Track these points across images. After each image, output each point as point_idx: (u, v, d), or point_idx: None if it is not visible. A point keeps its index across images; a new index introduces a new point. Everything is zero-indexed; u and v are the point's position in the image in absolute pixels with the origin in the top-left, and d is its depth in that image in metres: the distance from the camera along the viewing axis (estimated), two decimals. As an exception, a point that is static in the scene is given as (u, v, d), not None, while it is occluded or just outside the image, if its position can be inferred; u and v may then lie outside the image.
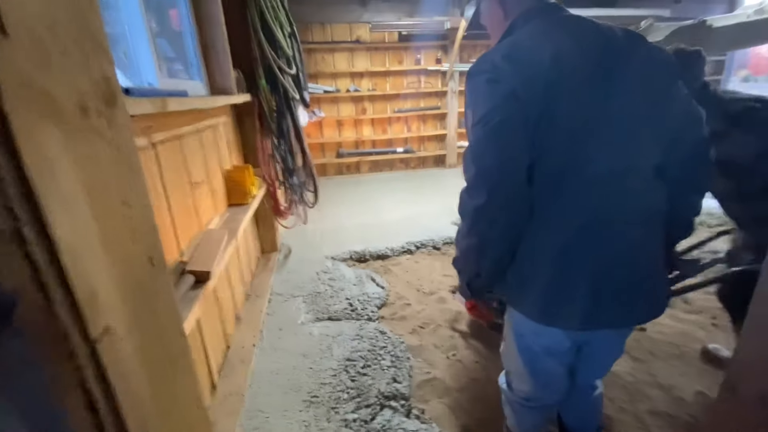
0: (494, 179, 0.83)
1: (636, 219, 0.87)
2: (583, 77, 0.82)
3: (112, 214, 0.35)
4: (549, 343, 0.96)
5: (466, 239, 0.92)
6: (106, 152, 0.35)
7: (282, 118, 2.77)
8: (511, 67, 0.81)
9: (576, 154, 0.83)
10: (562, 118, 0.81)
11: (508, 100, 0.80)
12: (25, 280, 0.26)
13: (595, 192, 0.84)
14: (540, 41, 0.84)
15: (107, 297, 0.33)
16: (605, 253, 0.85)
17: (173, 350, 0.45)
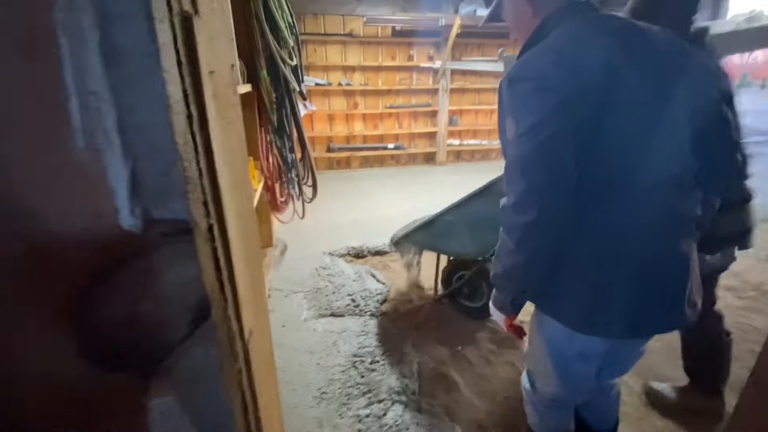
0: (545, 195, 0.79)
1: (677, 228, 0.87)
2: (633, 86, 0.80)
3: (243, 208, 0.34)
4: (583, 348, 0.94)
5: (513, 257, 0.86)
6: (237, 144, 0.34)
7: (282, 110, 2.72)
8: (561, 76, 0.77)
9: (624, 164, 0.81)
10: (612, 129, 0.79)
11: (559, 111, 0.76)
12: (214, 281, 0.25)
13: (641, 202, 0.83)
14: (587, 46, 0.80)
15: (248, 297, 0.32)
16: (648, 262, 0.85)
17: (270, 346, 0.43)
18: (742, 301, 2.43)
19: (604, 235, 0.84)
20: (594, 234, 0.84)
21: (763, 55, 15.30)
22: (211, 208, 0.24)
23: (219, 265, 0.26)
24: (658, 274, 0.86)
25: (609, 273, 0.85)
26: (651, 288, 0.85)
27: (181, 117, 0.22)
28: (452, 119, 6.19)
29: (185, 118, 0.22)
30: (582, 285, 0.86)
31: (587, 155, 0.79)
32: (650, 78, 0.81)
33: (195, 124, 0.23)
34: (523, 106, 0.80)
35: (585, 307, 0.86)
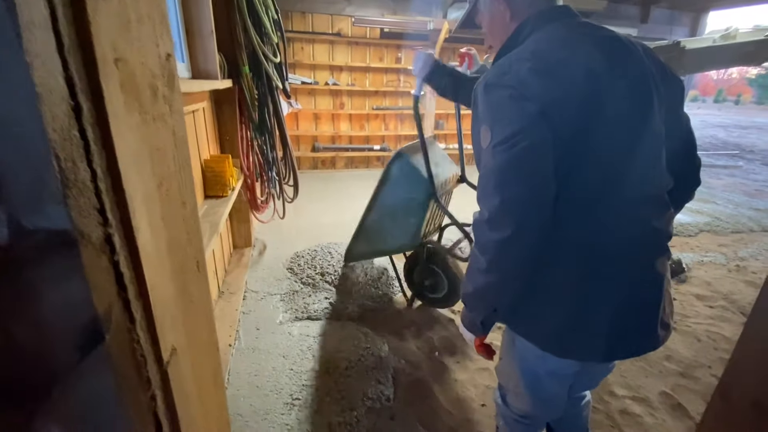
0: (522, 211, 0.73)
1: (654, 246, 0.84)
2: (615, 98, 0.75)
3: (174, 215, 0.30)
4: (555, 369, 0.92)
5: (485, 276, 0.80)
6: (170, 144, 0.30)
7: (264, 107, 2.66)
8: (540, 83, 0.73)
9: (604, 180, 0.77)
10: (593, 142, 0.75)
11: (537, 121, 0.71)
12: (113, 298, 0.22)
13: (620, 220, 0.79)
14: (569, 53, 0.76)
15: (173, 311, 0.28)
16: (626, 284, 0.81)
17: (214, 364, 0.40)
18: (713, 310, 2.49)
19: (581, 255, 0.80)
20: (570, 253, 0.80)
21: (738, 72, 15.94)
22: (110, 215, 0.21)
23: (123, 280, 0.22)
24: (635, 296, 0.82)
25: (585, 295, 0.81)
26: (628, 311, 0.82)
27: (59, 109, 0.19)
28: (438, 123, 6.21)
29: (68, 111, 0.19)
30: (557, 307, 0.82)
31: (566, 169, 0.75)
32: (632, 90, 0.78)
33: (86, 118, 0.20)
34: (499, 115, 0.75)
35: (560, 330, 0.83)
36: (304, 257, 2.82)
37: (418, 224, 1.90)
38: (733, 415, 0.83)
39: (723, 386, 0.86)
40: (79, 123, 0.20)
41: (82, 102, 0.20)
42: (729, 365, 0.85)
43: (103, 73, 0.21)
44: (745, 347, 0.81)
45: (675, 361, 2.02)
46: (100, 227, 0.21)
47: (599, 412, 1.69)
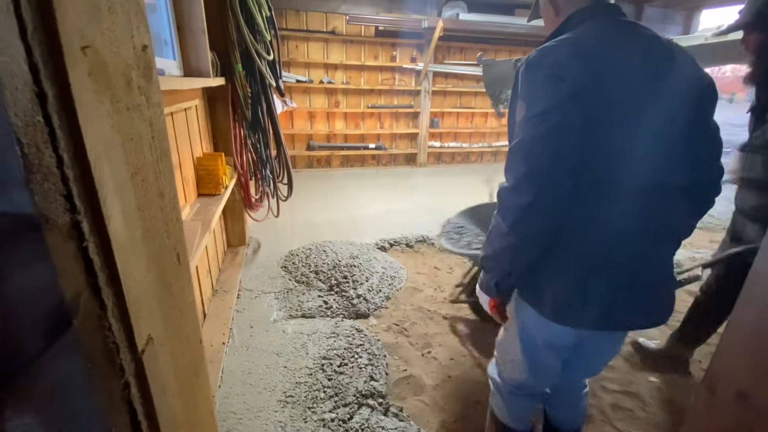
0: (544, 180, 0.80)
1: (660, 233, 0.90)
2: (646, 91, 0.82)
3: (150, 205, 0.30)
4: (553, 338, 0.99)
5: (504, 238, 0.87)
6: (146, 134, 0.30)
7: (257, 105, 2.65)
8: (576, 67, 0.78)
9: (623, 166, 0.83)
10: (618, 131, 0.81)
11: (571, 100, 0.77)
12: (82, 285, 0.22)
13: (631, 205, 0.85)
14: (608, 45, 0.82)
15: (148, 300, 0.29)
16: (628, 262, 0.88)
17: (196, 356, 0.40)
18: (704, 305, 2.51)
19: (592, 233, 0.86)
20: (583, 231, 0.87)
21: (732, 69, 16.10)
22: (79, 202, 0.21)
23: (92, 267, 0.23)
24: (636, 276, 0.89)
25: (590, 270, 0.88)
26: (625, 288, 0.89)
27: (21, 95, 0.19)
28: (433, 121, 6.21)
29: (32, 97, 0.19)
30: (564, 278, 0.89)
31: (590, 151, 0.80)
32: (663, 90, 0.83)
33: (51, 105, 0.20)
34: (535, 91, 0.81)
35: (560, 299, 0.90)
36: (299, 255, 2.82)
37: None
38: (718, 405, 0.84)
39: (709, 378, 0.87)
40: (44, 109, 0.20)
41: (46, 89, 0.20)
42: (714, 357, 0.87)
43: (69, 60, 0.21)
44: (730, 340, 0.83)
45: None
46: (68, 213, 0.21)
47: (591, 407, 1.70)
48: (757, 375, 0.78)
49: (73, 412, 0.22)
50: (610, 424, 1.63)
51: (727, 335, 0.82)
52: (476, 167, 6.54)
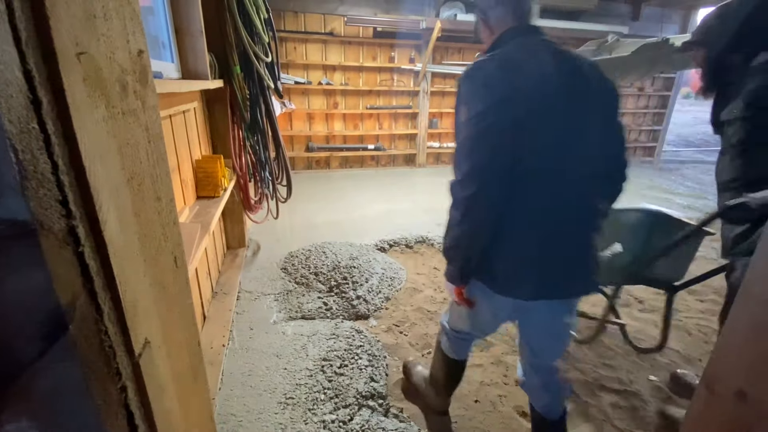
0: (484, 172, 0.96)
1: (583, 215, 1.07)
2: (561, 96, 0.98)
3: (147, 209, 0.30)
4: (496, 309, 1.18)
5: (460, 227, 1.02)
6: (143, 139, 0.30)
7: (255, 107, 2.65)
8: (504, 77, 0.95)
9: (547, 159, 0.99)
10: (542, 128, 0.97)
11: (500, 104, 0.94)
12: (78, 289, 0.22)
13: (556, 192, 1.01)
14: (529, 58, 0.99)
15: (145, 305, 0.29)
16: (556, 240, 1.04)
17: (194, 359, 0.40)
18: (703, 304, 2.52)
19: (527, 216, 1.02)
20: (521, 214, 1.02)
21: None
22: (74, 207, 0.21)
23: (88, 272, 0.23)
24: (564, 252, 1.05)
25: (525, 248, 1.03)
26: (556, 262, 1.05)
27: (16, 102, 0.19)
28: (432, 122, 6.22)
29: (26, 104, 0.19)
30: (505, 256, 1.05)
31: (521, 147, 0.96)
32: (575, 96, 1.01)
33: (46, 111, 0.20)
34: (473, 97, 0.98)
35: (505, 273, 1.06)
36: (298, 257, 2.82)
37: None
38: (717, 404, 0.84)
39: (708, 377, 0.87)
40: (39, 116, 0.20)
41: (41, 95, 0.20)
42: (713, 356, 0.87)
43: (64, 66, 0.21)
44: (728, 338, 0.83)
45: (666, 355, 2.04)
46: (63, 219, 0.21)
47: (591, 407, 1.70)
48: (756, 374, 0.78)
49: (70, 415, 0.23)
50: (611, 423, 1.63)
51: (725, 334, 0.82)
52: (475, 167, 6.54)
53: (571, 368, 1.92)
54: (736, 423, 0.80)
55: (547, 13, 5.75)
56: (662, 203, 4.69)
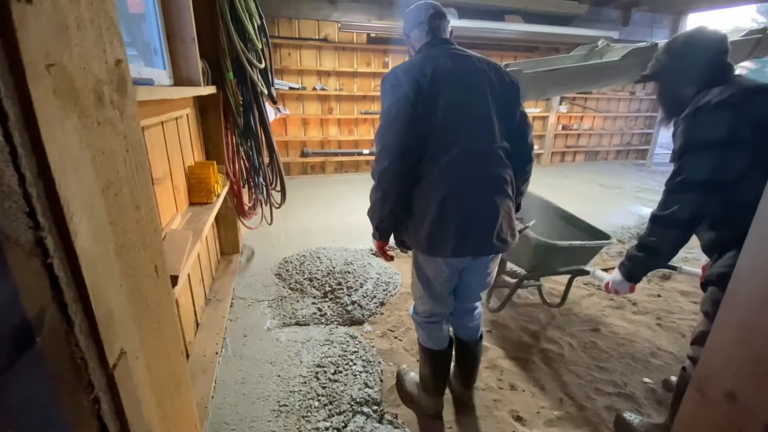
0: (392, 152, 1.23)
1: (492, 184, 1.29)
2: (455, 86, 1.24)
3: (124, 218, 0.30)
4: (435, 272, 1.39)
5: (375, 194, 1.31)
6: (120, 148, 0.30)
7: (249, 113, 2.66)
8: (406, 78, 1.23)
9: (450, 138, 1.24)
10: (440, 113, 1.22)
11: (402, 99, 1.21)
12: (47, 301, 0.22)
13: (463, 164, 1.24)
14: (427, 62, 1.26)
15: (121, 315, 0.28)
16: (469, 205, 1.25)
17: (177, 369, 0.40)
18: (697, 306, 2.53)
19: (439, 188, 1.24)
20: (434, 187, 1.25)
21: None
22: (42, 219, 0.21)
23: (58, 284, 0.22)
24: (475, 217, 1.27)
25: (443, 213, 1.24)
26: (469, 226, 1.26)
27: (-22, 114, 0.19)
28: (427, 126, 6.24)
29: (-10, 116, 0.19)
30: (428, 222, 1.26)
31: (426, 130, 1.22)
32: (471, 84, 1.27)
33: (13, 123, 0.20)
34: (385, 95, 1.27)
35: (430, 236, 1.27)
36: (293, 263, 2.81)
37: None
38: (708, 406, 0.84)
39: (698, 379, 0.87)
40: (5, 128, 0.20)
41: (7, 108, 0.20)
42: (703, 358, 0.87)
43: (32, 79, 0.21)
44: (717, 341, 0.83)
45: (660, 357, 2.05)
46: (31, 231, 0.21)
47: (586, 410, 1.70)
48: (745, 375, 0.79)
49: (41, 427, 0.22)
50: (606, 426, 1.63)
51: (714, 336, 0.83)
52: (470, 171, 6.57)
53: (565, 372, 1.92)
54: (726, 424, 0.81)
55: (539, 18, 5.81)
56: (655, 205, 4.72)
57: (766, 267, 0.71)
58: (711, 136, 1.18)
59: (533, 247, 1.89)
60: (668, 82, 1.40)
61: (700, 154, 1.20)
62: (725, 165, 1.18)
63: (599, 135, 7.52)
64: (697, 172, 1.21)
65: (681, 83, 1.35)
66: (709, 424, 0.84)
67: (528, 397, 1.77)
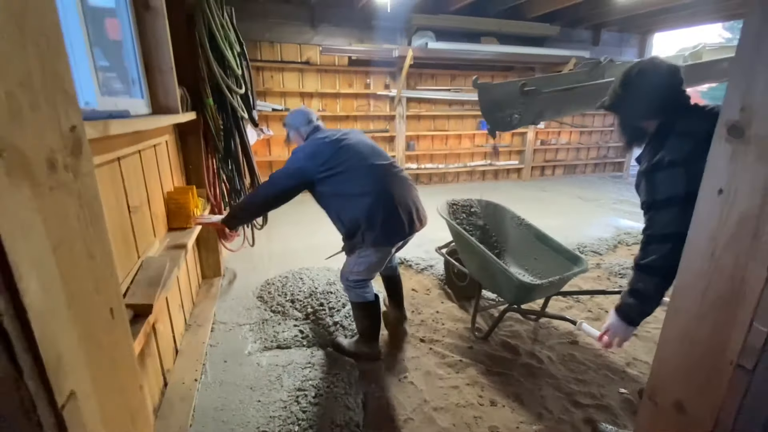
0: (280, 193, 1.90)
1: (402, 184, 1.95)
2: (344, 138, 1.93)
3: (77, 269, 0.34)
4: (383, 256, 1.94)
5: (255, 205, 2.01)
6: (73, 206, 0.34)
7: (229, 137, 2.69)
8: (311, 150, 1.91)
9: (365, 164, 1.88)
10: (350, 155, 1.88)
11: (300, 169, 1.89)
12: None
13: (378, 176, 1.87)
14: (320, 137, 1.96)
15: (71, 359, 0.31)
16: (397, 203, 1.86)
17: (133, 404, 0.42)
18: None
19: (368, 198, 1.83)
20: (365, 197, 1.83)
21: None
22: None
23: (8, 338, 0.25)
24: (401, 210, 1.87)
25: (380, 216, 1.83)
26: (399, 218, 1.86)
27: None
28: (409, 144, 6.37)
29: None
30: (377, 222, 1.82)
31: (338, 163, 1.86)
32: (351, 135, 1.98)
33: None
34: (295, 159, 1.91)
35: (384, 233, 1.85)
36: (275, 284, 2.81)
37: None
38: (659, 415, 0.89)
39: (650, 388, 0.92)
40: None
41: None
42: (653, 368, 0.92)
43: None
44: (663, 351, 0.89)
45: (636, 367, 2.10)
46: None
47: (564, 423, 1.73)
48: (690, 385, 0.84)
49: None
50: (583, 439, 1.66)
51: (660, 349, 0.88)
52: (453, 187, 6.69)
53: (544, 385, 1.95)
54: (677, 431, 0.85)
55: (514, 39, 6.06)
56: (632, 216, 4.88)
57: (698, 285, 0.78)
58: (669, 194, 1.22)
59: (516, 287, 1.95)
60: (625, 114, 1.44)
61: (664, 211, 1.24)
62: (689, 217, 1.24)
63: (576, 149, 7.76)
64: (665, 226, 1.24)
65: (637, 114, 1.39)
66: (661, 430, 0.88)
67: (508, 412, 1.79)
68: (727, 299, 0.74)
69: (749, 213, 0.69)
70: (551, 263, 2.33)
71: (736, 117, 0.71)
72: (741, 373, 0.76)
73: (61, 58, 0.33)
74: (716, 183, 0.74)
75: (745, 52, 0.70)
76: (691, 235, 0.80)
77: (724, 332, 0.77)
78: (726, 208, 0.73)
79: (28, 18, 0.28)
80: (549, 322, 2.51)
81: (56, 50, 0.32)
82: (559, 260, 2.28)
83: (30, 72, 0.29)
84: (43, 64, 0.30)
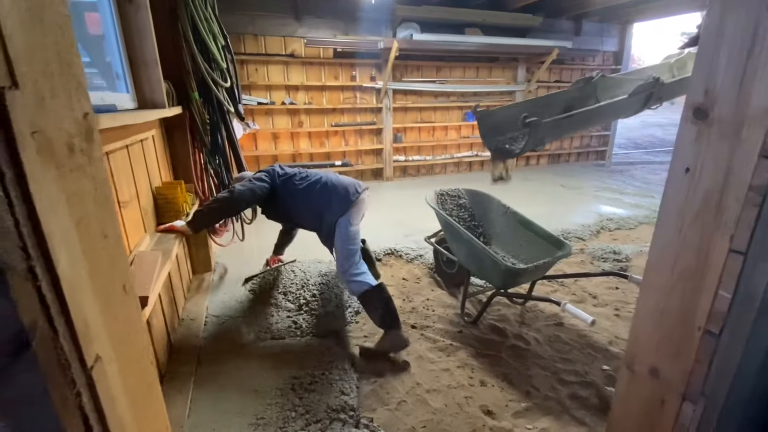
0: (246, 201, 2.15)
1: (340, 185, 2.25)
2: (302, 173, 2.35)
3: (94, 246, 0.36)
4: (352, 231, 2.17)
5: (221, 210, 2.10)
6: (89, 187, 0.36)
7: (216, 131, 2.68)
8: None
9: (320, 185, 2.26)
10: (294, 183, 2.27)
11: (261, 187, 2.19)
12: (38, 314, 0.28)
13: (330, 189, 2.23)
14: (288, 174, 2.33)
15: (95, 326, 0.34)
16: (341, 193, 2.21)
17: (148, 376, 0.45)
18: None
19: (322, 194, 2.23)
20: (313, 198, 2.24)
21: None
22: (32, 252, 0.27)
23: (45, 301, 0.28)
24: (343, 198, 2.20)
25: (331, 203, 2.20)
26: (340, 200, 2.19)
27: (-14, 177, 0.25)
28: (396, 136, 6.39)
29: (-5, 178, 0.26)
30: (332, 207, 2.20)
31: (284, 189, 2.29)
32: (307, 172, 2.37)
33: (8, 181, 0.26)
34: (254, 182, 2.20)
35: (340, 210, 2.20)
36: (266, 278, 2.83)
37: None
38: (636, 382, 0.96)
39: (627, 357, 0.99)
40: (3, 185, 0.26)
41: (5, 169, 0.26)
42: (630, 338, 0.99)
43: (21, 146, 0.27)
44: (639, 321, 0.95)
45: (617, 345, 2.20)
46: (24, 261, 0.27)
47: (550, 399, 1.81)
48: (663, 352, 0.90)
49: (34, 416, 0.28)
50: (569, 414, 1.74)
51: (636, 320, 0.94)
52: (441, 178, 6.75)
53: (531, 365, 2.03)
54: (651, 396, 0.92)
55: (498, 30, 6.11)
56: (614, 203, 5.02)
57: (667, 259, 0.84)
58: None
59: (502, 271, 2.02)
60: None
61: None
62: None
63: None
64: None
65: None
66: (639, 396, 0.95)
67: (497, 391, 1.86)
68: (694, 270, 0.80)
69: (713, 189, 0.75)
70: (536, 249, 2.40)
71: (700, 100, 0.76)
72: (708, 338, 0.82)
73: (73, 49, 0.36)
74: (683, 163, 0.79)
75: (708, 39, 0.75)
76: (661, 213, 0.85)
77: (692, 301, 0.83)
78: (692, 185, 0.78)
79: (46, 10, 0.31)
80: (535, 305, 2.59)
81: (69, 41, 0.35)
82: (543, 245, 2.35)
83: (49, 62, 0.31)
84: (59, 54, 0.33)
